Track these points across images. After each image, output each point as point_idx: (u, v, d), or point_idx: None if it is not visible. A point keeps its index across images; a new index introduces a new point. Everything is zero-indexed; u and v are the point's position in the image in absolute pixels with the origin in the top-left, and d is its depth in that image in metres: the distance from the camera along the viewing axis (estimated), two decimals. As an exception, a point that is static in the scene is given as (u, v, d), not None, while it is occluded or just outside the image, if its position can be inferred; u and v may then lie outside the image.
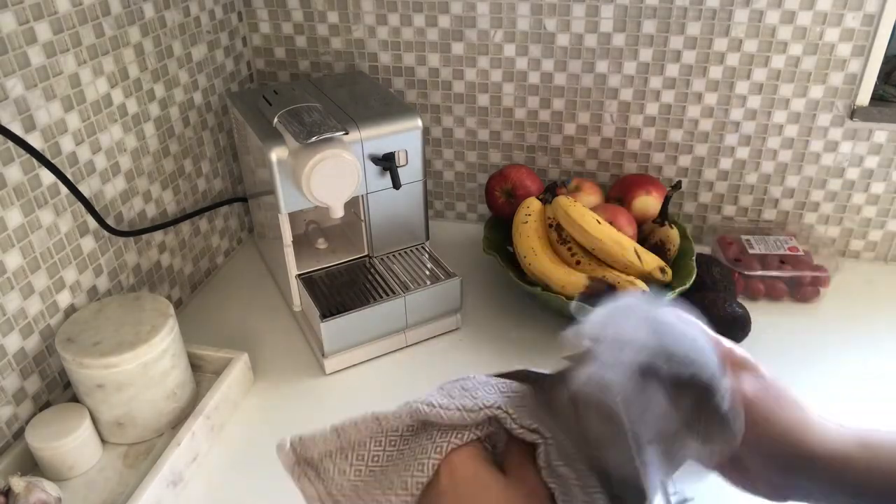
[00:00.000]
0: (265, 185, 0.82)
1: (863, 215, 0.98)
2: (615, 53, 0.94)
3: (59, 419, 0.68)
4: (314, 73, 1.06)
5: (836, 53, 0.88)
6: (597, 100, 0.98)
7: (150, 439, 0.73)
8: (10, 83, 0.64)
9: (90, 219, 0.76)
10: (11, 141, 0.64)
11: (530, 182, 0.96)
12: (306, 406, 0.78)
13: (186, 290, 0.96)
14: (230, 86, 1.01)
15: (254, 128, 0.80)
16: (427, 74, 1.02)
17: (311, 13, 1.01)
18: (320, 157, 0.71)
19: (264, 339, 0.88)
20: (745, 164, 0.98)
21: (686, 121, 0.97)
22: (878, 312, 0.90)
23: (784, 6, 0.86)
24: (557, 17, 0.93)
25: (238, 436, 0.75)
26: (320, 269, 0.89)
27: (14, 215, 0.67)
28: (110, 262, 0.80)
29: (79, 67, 0.72)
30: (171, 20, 0.86)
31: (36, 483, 0.61)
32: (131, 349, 0.67)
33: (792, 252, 0.94)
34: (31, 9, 0.66)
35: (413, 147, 0.83)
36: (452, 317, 0.88)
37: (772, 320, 0.88)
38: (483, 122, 1.04)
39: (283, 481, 0.70)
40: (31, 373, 0.71)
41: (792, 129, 0.94)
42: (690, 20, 0.90)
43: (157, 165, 0.87)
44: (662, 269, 0.85)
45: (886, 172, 0.94)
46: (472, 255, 1.02)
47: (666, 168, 1.02)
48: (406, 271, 0.87)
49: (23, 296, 0.69)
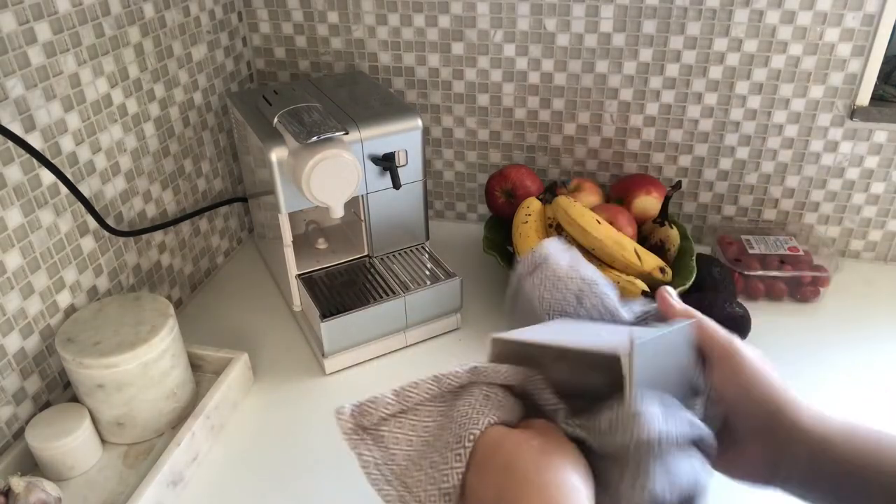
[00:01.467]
0: (265, 185, 0.82)
1: (863, 215, 0.98)
2: (615, 53, 0.94)
3: (59, 419, 0.68)
4: (314, 73, 1.06)
5: (836, 53, 0.88)
6: (597, 100, 0.98)
7: (150, 439, 0.73)
8: (10, 83, 0.64)
9: (90, 219, 0.76)
10: (11, 141, 0.64)
11: (530, 182, 0.96)
12: (306, 406, 0.78)
13: (186, 290, 0.96)
14: (230, 86, 1.01)
15: (254, 128, 0.80)
16: (427, 74, 1.02)
17: (311, 13, 1.01)
18: (320, 157, 0.71)
19: (264, 339, 0.88)
20: (745, 164, 0.98)
21: (686, 121, 0.97)
22: (878, 312, 0.90)
23: (784, 6, 0.86)
24: (557, 17, 0.93)
25: (238, 436, 0.75)
26: (320, 269, 0.89)
27: (14, 215, 0.67)
28: (110, 262, 0.80)
29: (79, 67, 0.72)
30: (171, 20, 0.86)
31: (36, 483, 0.61)
32: (131, 349, 0.67)
33: (792, 252, 0.94)
34: (31, 9, 0.66)
35: (413, 147, 0.83)
36: (452, 317, 0.88)
37: (772, 320, 0.88)
38: (483, 122, 1.04)
39: (283, 481, 0.71)
40: (31, 373, 0.71)
41: (792, 129, 0.94)
42: (690, 20, 0.90)
43: (157, 165, 0.87)
44: (662, 269, 0.85)
45: (886, 172, 0.94)
46: (472, 255, 1.02)
47: (666, 168, 1.02)
48: (406, 271, 0.87)
49: (23, 296, 0.69)
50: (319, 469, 0.70)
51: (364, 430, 0.43)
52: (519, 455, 0.39)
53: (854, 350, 0.84)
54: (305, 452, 0.72)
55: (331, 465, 0.71)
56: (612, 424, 0.39)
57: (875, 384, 0.79)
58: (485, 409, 0.42)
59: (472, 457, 0.40)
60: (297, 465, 0.71)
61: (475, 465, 0.39)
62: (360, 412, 0.43)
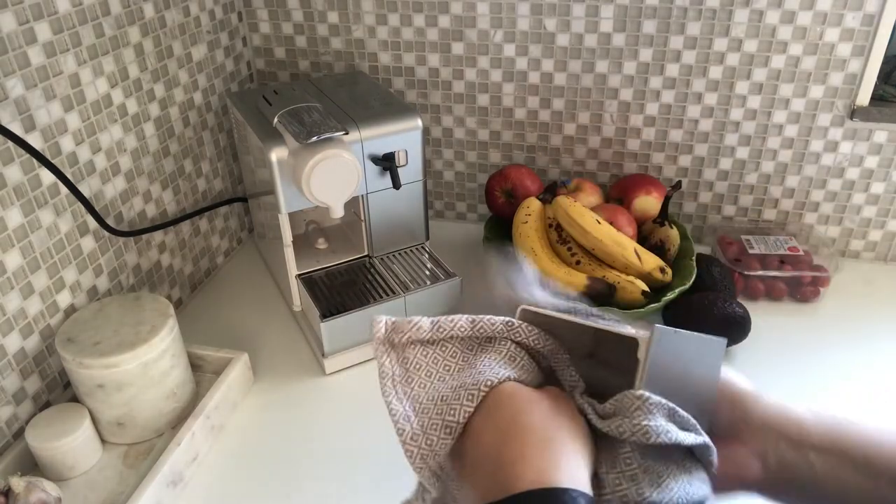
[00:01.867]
0: (265, 185, 0.82)
1: (863, 215, 0.98)
2: (615, 53, 0.94)
3: (59, 419, 0.68)
4: (314, 73, 1.06)
5: (836, 53, 0.88)
6: (597, 100, 0.98)
7: (150, 439, 0.73)
8: (10, 83, 0.64)
9: (90, 219, 0.76)
10: (11, 141, 0.64)
11: (530, 182, 0.96)
12: (306, 406, 0.78)
13: (186, 290, 0.96)
14: (230, 86, 1.01)
15: (254, 128, 0.80)
16: (427, 74, 1.02)
17: (311, 13, 1.01)
18: (320, 157, 0.71)
19: (264, 339, 0.88)
20: (745, 164, 0.98)
21: (686, 121, 0.97)
22: (878, 312, 0.90)
23: (784, 6, 0.86)
24: (557, 17, 0.93)
25: (238, 436, 0.75)
26: (320, 269, 0.89)
27: (14, 215, 0.67)
28: (110, 262, 0.80)
29: (79, 67, 0.72)
30: (171, 20, 0.86)
31: (36, 483, 0.61)
32: (131, 349, 0.67)
33: (792, 252, 0.94)
34: (31, 9, 0.66)
35: (413, 147, 0.83)
36: (452, 317, 0.88)
37: (772, 320, 0.88)
38: (483, 122, 1.04)
39: (283, 481, 0.71)
40: (31, 373, 0.71)
41: (792, 129, 0.94)
42: (690, 20, 0.90)
43: (157, 165, 0.87)
44: (662, 269, 0.85)
45: (886, 172, 0.94)
46: (472, 255, 1.02)
47: (666, 168, 1.02)
48: (406, 271, 0.87)
49: (23, 296, 0.69)
50: (319, 469, 0.70)
51: (392, 346, 0.45)
52: (529, 409, 0.39)
53: (854, 350, 0.84)
54: (305, 452, 0.72)
55: (331, 464, 0.71)
56: (616, 408, 0.39)
57: (875, 384, 0.79)
58: (507, 365, 0.43)
59: (483, 401, 0.40)
60: (296, 465, 0.71)
61: (484, 408, 0.40)
62: (394, 327, 0.45)
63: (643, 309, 0.81)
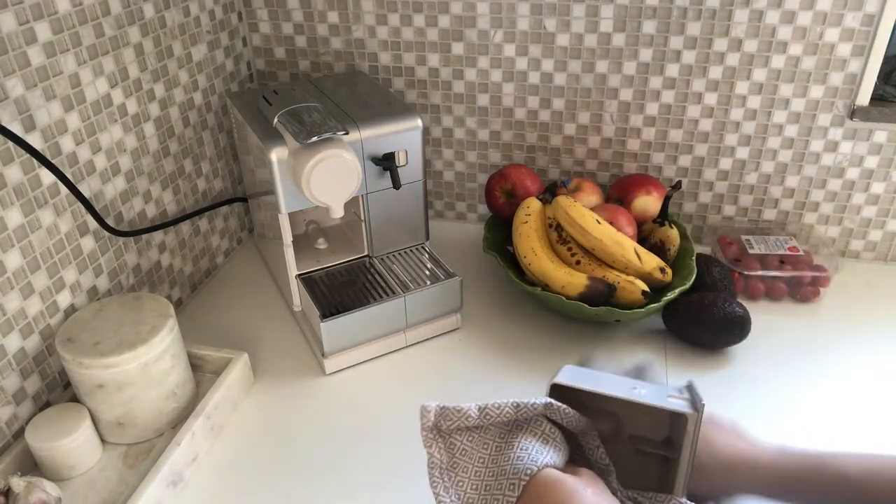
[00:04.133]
0: (265, 185, 0.82)
1: (863, 215, 0.98)
2: (615, 53, 0.94)
3: (59, 419, 0.68)
4: (314, 73, 1.06)
5: (836, 53, 0.88)
6: (597, 100, 0.98)
7: (150, 439, 0.73)
8: (10, 83, 0.64)
9: (90, 219, 0.76)
10: (11, 141, 0.64)
11: (530, 182, 0.96)
12: (306, 406, 0.78)
13: (186, 290, 0.96)
14: (230, 86, 1.01)
15: (254, 128, 0.80)
16: (427, 74, 1.02)
17: (311, 13, 1.01)
18: (320, 157, 0.71)
19: (264, 339, 0.88)
20: (745, 164, 0.98)
21: (686, 121, 0.97)
22: (877, 312, 0.90)
23: (784, 6, 0.86)
24: (557, 17, 0.93)
25: (238, 436, 0.75)
26: (320, 269, 0.89)
27: (14, 215, 0.67)
28: (110, 262, 0.80)
29: (79, 67, 0.72)
30: (171, 20, 0.86)
31: (36, 483, 0.61)
32: (131, 349, 0.67)
33: (792, 252, 0.94)
34: (31, 9, 0.66)
35: (413, 147, 0.83)
36: (452, 317, 0.88)
37: (772, 320, 0.88)
38: (483, 122, 1.04)
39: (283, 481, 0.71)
40: (31, 373, 0.71)
41: (792, 129, 0.94)
42: (690, 20, 0.90)
43: (157, 165, 0.87)
44: (662, 269, 0.85)
45: (886, 172, 0.94)
46: (472, 255, 1.02)
47: (666, 168, 1.02)
48: (406, 271, 0.87)
49: (23, 296, 0.69)
50: (319, 469, 0.70)
51: (439, 433, 0.46)
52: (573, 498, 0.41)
53: (854, 350, 0.84)
54: (305, 452, 0.72)
55: (330, 464, 0.71)
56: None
57: (875, 384, 0.79)
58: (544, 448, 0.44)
59: (524, 490, 0.42)
60: (296, 464, 0.71)
61: (527, 497, 0.42)
62: (442, 414, 0.45)
63: (643, 309, 0.81)
